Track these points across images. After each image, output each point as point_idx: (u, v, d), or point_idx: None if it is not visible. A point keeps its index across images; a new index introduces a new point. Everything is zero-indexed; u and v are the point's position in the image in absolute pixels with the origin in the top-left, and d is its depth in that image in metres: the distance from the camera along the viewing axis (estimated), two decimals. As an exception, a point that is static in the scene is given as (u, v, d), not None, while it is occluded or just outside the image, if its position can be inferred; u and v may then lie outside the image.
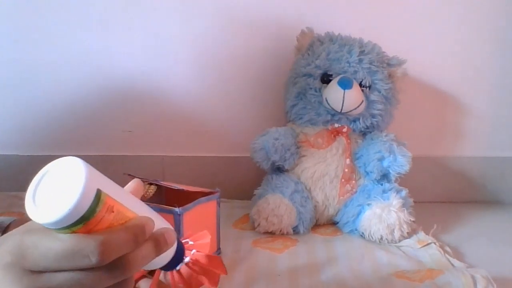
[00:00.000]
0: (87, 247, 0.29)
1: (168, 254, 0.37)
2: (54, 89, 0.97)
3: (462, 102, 1.01)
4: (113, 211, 0.30)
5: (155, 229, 0.33)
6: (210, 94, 0.98)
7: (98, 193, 0.29)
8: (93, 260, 0.29)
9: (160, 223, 0.35)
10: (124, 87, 0.98)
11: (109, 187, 0.31)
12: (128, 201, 0.33)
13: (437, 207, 0.99)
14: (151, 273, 0.53)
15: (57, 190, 0.29)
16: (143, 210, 0.34)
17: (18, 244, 0.30)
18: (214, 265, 0.55)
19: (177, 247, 0.38)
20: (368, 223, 0.77)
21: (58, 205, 0.28)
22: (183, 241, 0.58)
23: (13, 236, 0.31)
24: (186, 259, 0.54)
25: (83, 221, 0.29)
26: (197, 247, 0.57)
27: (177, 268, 0.40)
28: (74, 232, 0.29)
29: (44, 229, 0.30)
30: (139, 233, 0.31)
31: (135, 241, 0.31)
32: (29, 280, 0.29)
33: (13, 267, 0.30)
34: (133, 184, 0.37)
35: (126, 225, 0.31)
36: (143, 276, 0.53)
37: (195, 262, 0.54)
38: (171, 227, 0.35)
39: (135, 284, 0.53)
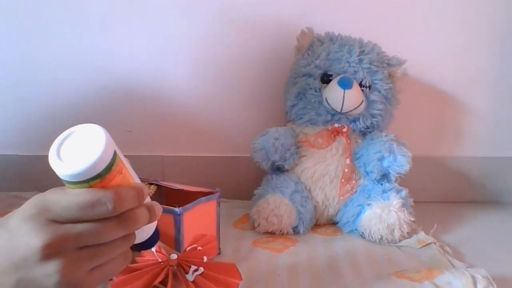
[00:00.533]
0: (104, 197, 0.33)
1: (149, 231, 0.41)
2: (54, 89, 0.97)
3: (462, 102, 1.01)
4: (121, 173, 0.36)
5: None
6: (210, 94, 0.98)
7: (115, 154, 0.35)
8: (110, 207, 0.33)
9: (148, 198, 0.40)
10: (124, 87, 0.98)
11: (120, 153, 0.36)
12: (130, 169, 0.38)
13: (437, 207, 0.99)
14: (163, 282, 0.53)
15: (81, 148, 0.34)
16: (138, 181, 0.39)
17: (39, 200, 0.34)
18: (231, 274, 0.55)
19: (156, 229, 0.42)
20: (368, 223, 0.77)
21: (83, 159, 0.33)
22: (190, 247, 0.58)
23: (29, 200, 0.35)
24: (200, 271, 0.54)
25: (100, 176, 0.34)
26: (206, 253, 0.58)
27: (152, 250, 0.44)
28: (91, 186, 0.34)
29: (60, 189, 0.35)
30: (141, 192, 0.37)
31: (138, 198, 0.36)
32: (52, 229, 0.33)
33: (38, 218, 0.33)
34: None
35: (131, 184, 0.37)
36: (154, 286, 0.53)
37: (210, 272, 0.54)
38: (157, 203, 0.40)
39: None
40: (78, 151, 0.34)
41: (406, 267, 0.67)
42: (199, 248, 0.59)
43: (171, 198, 0.71)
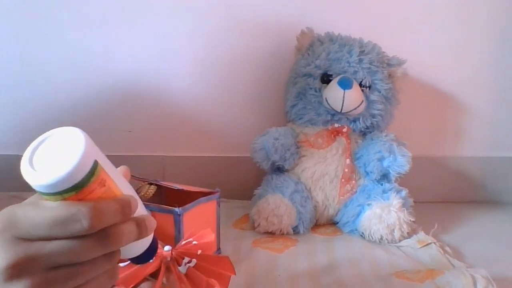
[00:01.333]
0: (79, 212, 0.29)
1: (143, 244, 0.37)
2: (54, 89, 0.97)
3: (462, 102, 1.01)
4: (104, 185, 0.31)
5: (137, 215, 0.34)
6: (210, 94, 0.98)
7: (95, 164, 0.30)
8: (85, 224, 0.29)
9: (142, 210, 0.36)
10: (124, 87, 0.98)
11: (104, 162, 0.32)
12: (119, 180, 0.34)
13: (437, 207, 0.99)
14: (153, 275, 0.53)
15: (56, 155, 0.30)
16: (130, 192, 0.35)
17: (7, 215, 0.30)
18: (223, 267, 0.54)
19: (152, 241, 0.38)
20: (368, 223, 0.77)
21: (56, 168, 0.28)
22: (186, 241, 0.58)
23: (1, 212, 0.31)
24: (192, 262, 0.54)
25: (76, 189, 0.29)
26: (202, 247, 0.57)
27: (150, 261, 0.40)
28: (65, 199, 0.30)
29: (33, 202, 0.31)
30: (126, 206, 0.32)
31: (122, 212, 0.32)
32: (20, 248, 0.29)
33: (3, 235, 0.30)
34: (121, 169, 0.37)
35: (115, 197, 0.32)
36: (145, 279, 0.53)
37: (202, 264, 0.54)
38: (151, 217, 0.36)
39: (137, 286, 0.53)
40: (52, 158, 0.30)
41: (406, 267, 0.67)
42: (194, 242, 0.58)
43: (171, 198, 0.71)
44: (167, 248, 0.55)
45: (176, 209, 0.60)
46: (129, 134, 0.99)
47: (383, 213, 0.76)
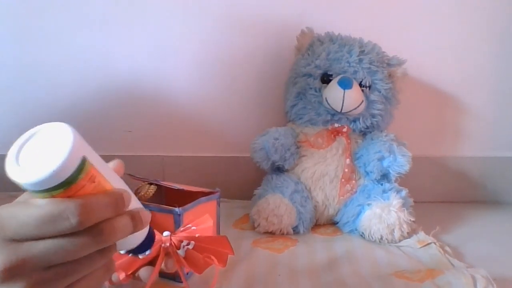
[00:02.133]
0: (67, 209, 0.28)
1: (139, 237, 0.37)
2: (54, 89, 0.97)
3: (462, 102, 1.01)
4: (94, 182, 0.30)
5: (131, 208, 0.34)
6: (210, 94, 0.99)
7: (83, 160, 0.29)
8: (73, 221, 0.28)
9: (136, 204, 0.36)
10: (124, 87, 0.98)
11: (94, 158, 0.31)
12: (109, 175, 0.33)
13: (437, 207, 0.99)
14: (151, 262, 0.53)
15: (43, 152, 0.29)
16: (122, 187, 0.34)
17: None
18: (221, 245, 0.55)
19: (149, 233, 0.38)
20: (368, 223, 0.77)
21: (42, 165, 0.28)
22: (184, 227, 0.58)
23: None
24: (191, 245, 0.54)
25: (64, 186, 0.29)
26: (200, 232, 0.57)
27: (146, 253, 0.40)
28: (53, 196, 0.29)
29: (21, 201, 0.30)
30: (118, 199, 0.32)
31: (115, 206, 0.31)
32: (10, 250, 0.29)
33: None
34: (113, 163, 0.37)
35: (106, 191, 0.31)
36: (144, 265, 0.53)
37: (200, 244, 0.54)
38: (145, 210, 0.36)
39: (135, 272, 0.53)
40: (39, 155, 0.29)
41: (406, 267, 0.67)
42: (193, 228, 0.58)
43: (171, 198, 0.71)
44: (166, 233, 0.55)
45: (176, 209, 0.60)
46: (129, 134, 0.99)
47: (383, 213, 0.76)
